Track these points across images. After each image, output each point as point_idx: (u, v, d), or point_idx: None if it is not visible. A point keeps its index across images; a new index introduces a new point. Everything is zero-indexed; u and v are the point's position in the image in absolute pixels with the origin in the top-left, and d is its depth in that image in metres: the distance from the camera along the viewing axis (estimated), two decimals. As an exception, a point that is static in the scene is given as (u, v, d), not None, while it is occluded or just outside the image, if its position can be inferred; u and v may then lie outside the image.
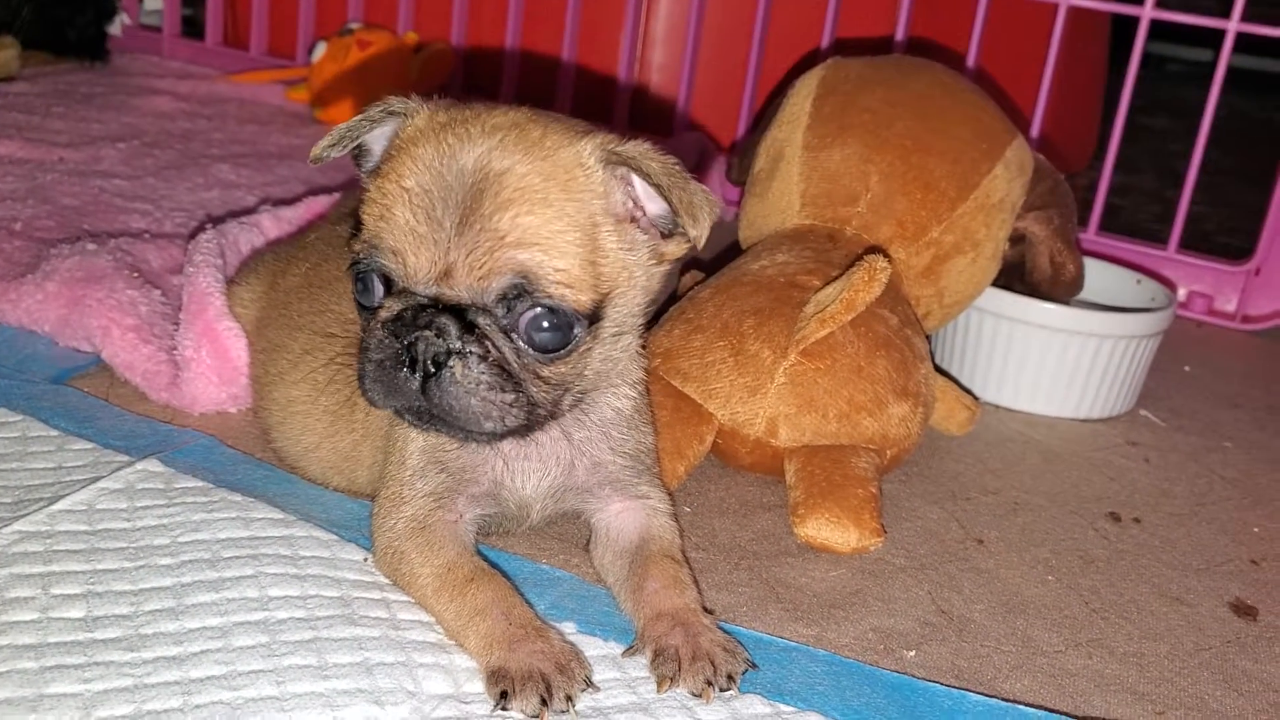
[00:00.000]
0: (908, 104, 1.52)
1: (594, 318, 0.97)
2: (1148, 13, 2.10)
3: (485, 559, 1.05)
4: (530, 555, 1.14)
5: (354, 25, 2.64)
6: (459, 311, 0.93)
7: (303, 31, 2.82)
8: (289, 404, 1.21)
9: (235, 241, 1.50)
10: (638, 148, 0.98)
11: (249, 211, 1.61)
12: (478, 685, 0.93)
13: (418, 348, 0.93)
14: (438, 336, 0.93)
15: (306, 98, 2.66)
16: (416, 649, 0.96)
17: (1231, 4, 2.02)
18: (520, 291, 0.93)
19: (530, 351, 0.96)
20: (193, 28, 3.15)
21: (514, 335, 0.95)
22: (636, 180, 0.99)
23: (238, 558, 1.04)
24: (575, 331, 0.96)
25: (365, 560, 1.07)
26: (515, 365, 0.95)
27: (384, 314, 0.95)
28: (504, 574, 1.03)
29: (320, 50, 2.60)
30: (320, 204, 1.61)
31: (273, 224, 1.56)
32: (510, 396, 0.95)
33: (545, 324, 0.95)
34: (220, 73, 2.88)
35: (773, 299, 1.36)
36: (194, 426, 1.30)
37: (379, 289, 0.97)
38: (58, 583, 0.99)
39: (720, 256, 1.65)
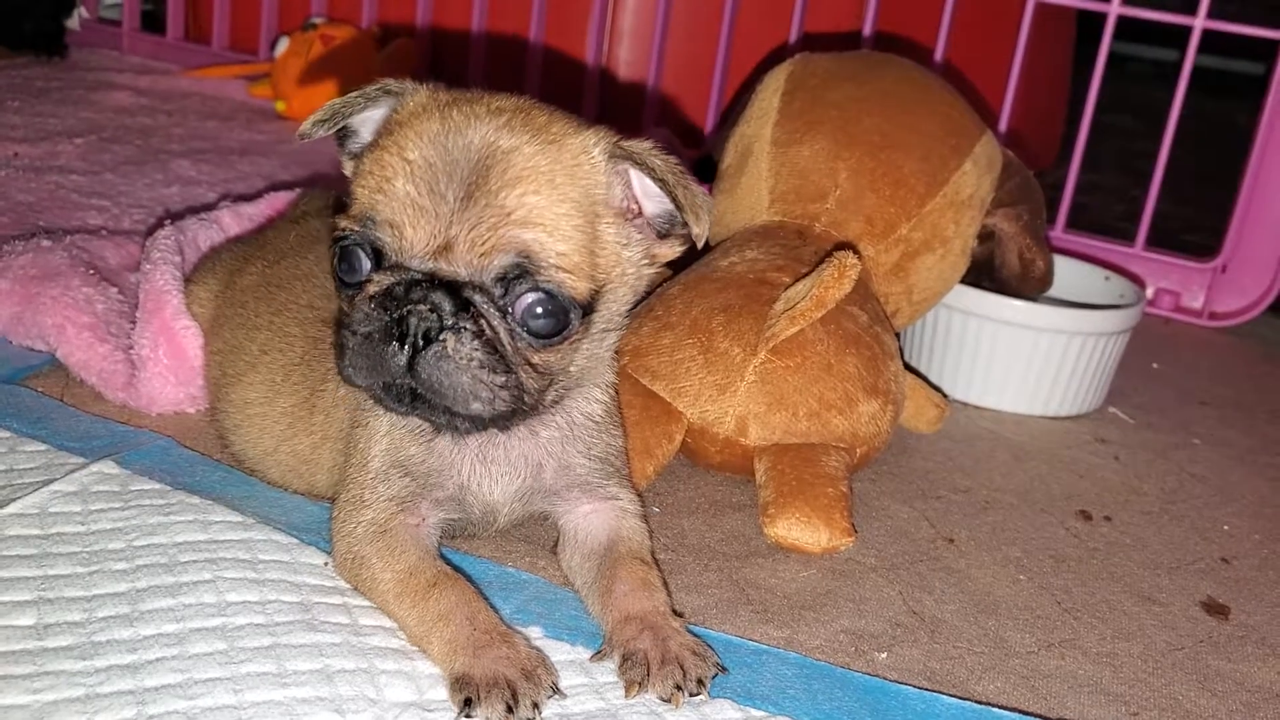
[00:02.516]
0: (876, 100, 1.51)
1: (588, 309, 0.96)
2: (1115, 9, 2.10)
3: (449, 563, 1.03)
4: (496, 558, 1.12)
5: (317, 20, 2.61)
6: (453, 288, 0.91)
7: (265, 26, 2.79)
8: (246, 406, 1.18)
9: (194, 238, 1.46)
10: (642, 145, 0.98)
11: (209, 208, 1.58)
12: (441, 692, 0.91)
13: (409, 322, 0.90)
14: (431, 311, 0.90)
15: (269, 93, 2.63)
16: (379, 655, 0.94)
17: (1197, 3, 2.02)
18: (521, 272, 0.91)
19: (525, 335, 0.94)
20: (153, 22, 3.10)
21: (509, 316, 0.93)
22: (635, 178, 0.99)
23: (195, 562, 1.02)
24: (571, 319, 0.95)
25: (326, 564, 1.05)
26: (508, 347, 0.93)
27: (372, 288, 0.92)
28: (469, 578, 1.01)
29: (283, 45, 2.57)
30: (282, 200, 1.58)
31: (233, 220, 1.53)
32: (501, 378, 0.93)
33: (541, 309, 0.93)
34: (181, 68, 2.84)
35: (742, 296, 1.34)
36: (151, 427, 1.27)
37: (365, 264, 0.94)
38: (7, 589, 0.96)
39: (688, 252, 1.63)
